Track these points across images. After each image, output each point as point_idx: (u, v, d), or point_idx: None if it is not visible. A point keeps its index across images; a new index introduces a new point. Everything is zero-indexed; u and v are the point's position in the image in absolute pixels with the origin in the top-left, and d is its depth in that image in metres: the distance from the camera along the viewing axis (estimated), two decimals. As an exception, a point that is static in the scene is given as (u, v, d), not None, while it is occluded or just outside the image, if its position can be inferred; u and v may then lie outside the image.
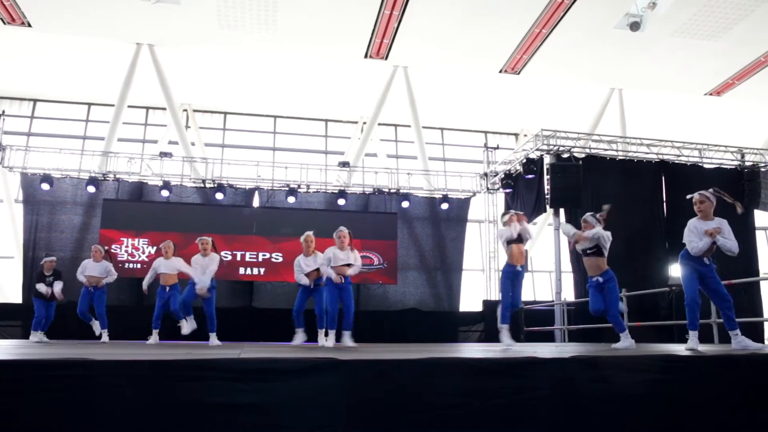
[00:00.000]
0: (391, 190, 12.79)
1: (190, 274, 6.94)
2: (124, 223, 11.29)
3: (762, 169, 11.82)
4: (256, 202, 12.43)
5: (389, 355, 3.26)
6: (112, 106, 13.16)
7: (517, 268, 6.27)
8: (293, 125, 16.20)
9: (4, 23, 11.71)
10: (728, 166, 11.98)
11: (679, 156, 11.87)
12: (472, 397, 2.67)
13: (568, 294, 11.14)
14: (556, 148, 11.08)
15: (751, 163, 11.99)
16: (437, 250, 12.89)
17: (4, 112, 12.00)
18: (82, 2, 11.08)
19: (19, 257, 12.14)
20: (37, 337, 8.06)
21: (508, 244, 6.28)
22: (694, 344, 4.59)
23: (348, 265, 6.26)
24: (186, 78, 13.91)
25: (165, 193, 11.74)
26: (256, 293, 11.93)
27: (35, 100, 15.15)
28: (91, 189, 11.56)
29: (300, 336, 6.77)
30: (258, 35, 12.18)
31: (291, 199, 12.13)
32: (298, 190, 12.28)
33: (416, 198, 12.98)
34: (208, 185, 12.19)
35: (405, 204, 12.70)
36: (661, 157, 11.78)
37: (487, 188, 13.34)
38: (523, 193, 12.09)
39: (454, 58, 13.24)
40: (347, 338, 6.18)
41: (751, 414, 3.08)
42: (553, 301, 11.07)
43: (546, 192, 10.99)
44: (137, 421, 2.33)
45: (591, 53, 12.89)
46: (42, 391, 2.26)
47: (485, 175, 13.35)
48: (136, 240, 11.23)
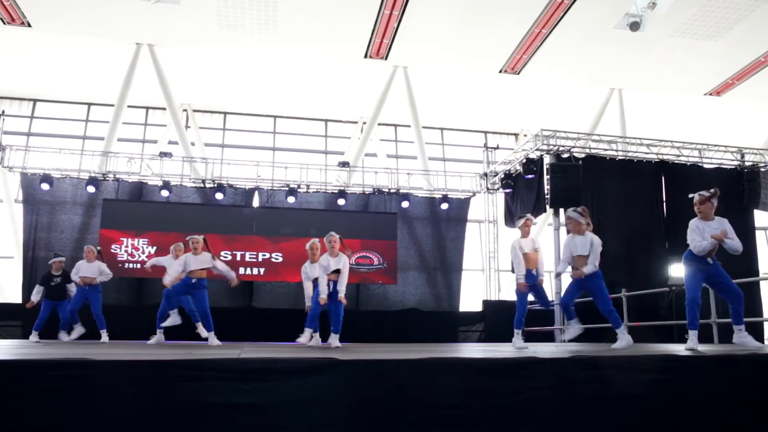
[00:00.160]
0: (391, 190, 12.79)
1: (222, 272, 6.79)
2: (124, 223, 11.29)
3: (762, 169, 11.81)
4: (256, 202, 12.42)
5: (389, 355, 3.26)
6: (112, 106, 13.15)
7: (533, 272, 6.28)
8: (293, 125, 16.19)
9: (4, 23, 11.71)
10: (728, 166, 11.97)
11: (679, 156, 11.85)
12: (472, 397, 2.67)
13: (568, 294, 11.11)
14: (556, 148, 11.07)
15: (751, 163, 11.98)
16: (437, 250, 12.89)
17: (4, 112, 11.99)
18: (82, 2, 11.08)
19: (19, 257, 12.12)
20: (36, 337, 8.07)
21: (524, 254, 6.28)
22: (694, 344, 4.59)
23: (336, 272, 6.26)
24: (186, 78, 13.91)
25: (165, 193, 11.73)
26: (256, 293, 11.92)
27: (35, 100, 15.14)
28: (91, 189, 11.55)
29: (311, 338, 6.57)
30: (258, 35, 12.18)
31: (291, 199, 12.12)
32: (298, 190, 12.27)
33: (416, 198, 12.97)
34: (208, 185, 12.19)
35: (405, 204, 12.69)
36: (661, 157, 11.76)
37: (487, 188, 13.34)
38: (523, 193, 12.08)
39: (454, 58, 13.24)
40: (334, 339, 6.20)
41: (751, 414, 3.07)
42: (553, 301, 11.05)
43: (546, 192, 10.98)
44: (137, 421, 2.33)
45: (591, 53, 12.88)
46: (42, 391, 2.26)
47: (485, 175, 13.35)
48: (136, 240, 11.23)
